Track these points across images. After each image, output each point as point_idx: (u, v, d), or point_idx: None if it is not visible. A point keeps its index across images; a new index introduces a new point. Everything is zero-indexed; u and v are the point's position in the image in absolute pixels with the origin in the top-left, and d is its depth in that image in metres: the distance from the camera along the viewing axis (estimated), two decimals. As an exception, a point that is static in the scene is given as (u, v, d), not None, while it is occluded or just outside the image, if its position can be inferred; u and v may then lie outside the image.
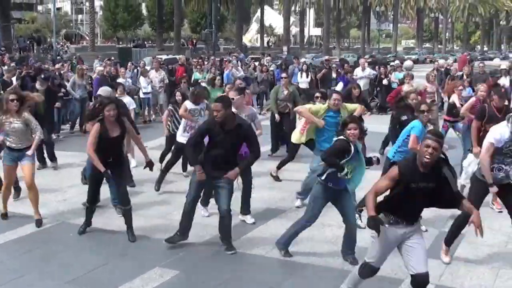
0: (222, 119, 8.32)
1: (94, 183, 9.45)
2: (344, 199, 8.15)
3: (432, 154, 5.94)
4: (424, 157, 5.97)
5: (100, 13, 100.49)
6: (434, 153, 5.95)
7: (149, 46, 77.75)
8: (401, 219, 6.24)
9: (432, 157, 5.95)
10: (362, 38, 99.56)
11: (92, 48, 57.66)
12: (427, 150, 5.95)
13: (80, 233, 9.41)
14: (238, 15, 79.00)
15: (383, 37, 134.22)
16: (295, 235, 8.49)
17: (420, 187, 6.04)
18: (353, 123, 7.88)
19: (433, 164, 6.02)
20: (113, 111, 9.00)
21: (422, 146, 6.05)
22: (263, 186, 12.19)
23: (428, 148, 5.95)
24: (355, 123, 7.89)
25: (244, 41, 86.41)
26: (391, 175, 6.12)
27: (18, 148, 9.79)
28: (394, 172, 6.12)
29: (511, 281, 7.66)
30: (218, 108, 8.29)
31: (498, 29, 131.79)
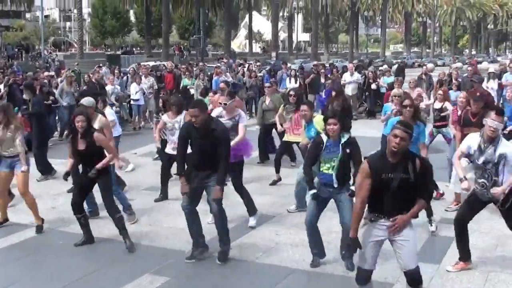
0: (200, 124, 8.22)
1: (78, 190, 9.42)
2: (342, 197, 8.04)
3: (399, 144, 6.09)
4: (392, 146, 6.12)
5: (88, 20, 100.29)
6: (402, 142, 6.09)
7: (137, 53, 77.73)
8: (383, 214, 6.32)
9: (399, 146, 6.09)
10: (350, 43, 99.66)
11: (81, 55, 57.43)
12: (395, 140, 6.10)
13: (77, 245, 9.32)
14: (226, 20, 79.00)
15: (371, 42, 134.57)
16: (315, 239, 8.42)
17: (392, 177, 6.16)
18: (333, 119, 7.93)
19: (404, 155, 6.18)
20: (82, 123, 8.96)
21: (390, 136, 6.20)
22: (253, 192, 12.11)
23: (396, 138, 6.11)
24: (334, 119, 7.93)
25: (232, 47, 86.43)
26: (364, 172, 6.23)
27: (10, 155, 9.88)
28: (364, 167, 6.25)
29: (501, 284, 7.68)
30: (195, 114, 8.16)
31: (486, 32, 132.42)
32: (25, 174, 9.98)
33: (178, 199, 11.41)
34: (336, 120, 7.91)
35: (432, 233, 9.52)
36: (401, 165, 6.17)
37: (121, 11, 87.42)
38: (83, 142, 9.05)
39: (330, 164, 7.89)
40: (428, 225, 9.61)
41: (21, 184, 9.92)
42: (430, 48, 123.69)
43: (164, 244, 9.19)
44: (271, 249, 8.99)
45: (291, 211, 10.87)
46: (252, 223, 10.18)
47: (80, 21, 61.63)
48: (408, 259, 6.37)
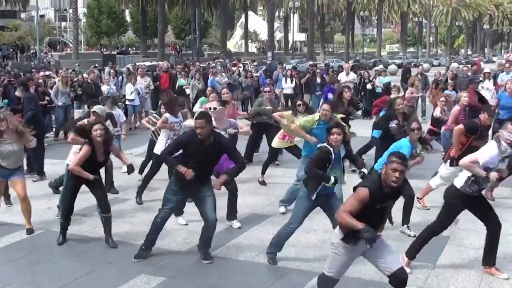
0: (205, 135, 8.16)
1: (72, 191, 9.37)
2: (333, 203, 8.09)
3: (399, 178, 6.03)
4: (392, 181, 6.04)
5: (84, 20, 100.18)
6: (401, 176, 6.04)
7: (133, 53, 77.72)
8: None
9: (399, 181, 6.04)
10: (346, 43, 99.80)
11: (76, 55, 57.46)
12: (395, 174, 6.02)
13: (60, 243, 9.33)
14: (222, 20, 79.02)
15: (367, 41, 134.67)
16: (279, 240, 8.45)
17: (384, 206, 6.21)
18: (337, 128, 7.87)
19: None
20: (100, 131, 8.98)
21: (388, 169, 6.08)
22: (248, 192, 12.19)
23: (396, 172, 6.03)
24: (339, 128, 7.88)
25: (228, 46, 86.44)
26: (361, 198, 6.06)
27: (11, 168, 9.85)
28: (364, 195, 6.07)
29: (496, 283, 7.69)
30: (202, 125, 8.08)
31: (481, 33, 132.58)
32: (23, 180, 9.99)
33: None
34: (340, 130, 7.86)
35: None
36: (393, 194, 6.22)
37: (117, 11, 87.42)
38: (102, 153, 9.14)
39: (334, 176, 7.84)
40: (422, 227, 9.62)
41: (22, 189, 9.91)
42: (426, 48, 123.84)
43: (159, 244, 9.16)
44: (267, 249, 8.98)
45: (283, 212, 10.81)
46: (237, 224, 10.18)
47: (75, 21, 61.73)
48: (393, 260, 6.40)
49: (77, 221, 10.30)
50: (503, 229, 9.42)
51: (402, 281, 6.36)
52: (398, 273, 6.31)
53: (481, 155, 7.78)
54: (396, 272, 6.30)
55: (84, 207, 10.93)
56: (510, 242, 9.19)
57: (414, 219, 9.75)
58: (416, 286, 7.55)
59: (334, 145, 7.82)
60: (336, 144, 7.82)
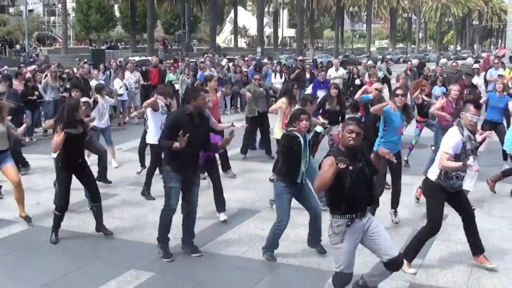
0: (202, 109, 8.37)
1: (66, 183, 9.33)
2: (305, 191, 8.30)
3: (355, 139, 6.27)
4: (349, 142, 6.29)
5: (73, 15, 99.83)
6: (357, 138, 6.28)
7: (122, 48, 77.51)
8: (352, 212, 6.33)
9: (355, 141, 6.28)
10: (335, 38, 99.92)
11: (65, 50, 57.24)
12: (351, 135, 6.28)
13: (55, 242, 9.24)
14: (211, 16, 78.91)
15: (356, 37, 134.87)
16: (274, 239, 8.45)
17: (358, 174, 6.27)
18: (304, 114, 8.11)
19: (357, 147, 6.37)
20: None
21: (345, 132, 6.34)
22: (238, 187, 12.20)
23: (352, 133, 6.28)
24: (306, 114, 8.13)
25: (217, 42, 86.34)
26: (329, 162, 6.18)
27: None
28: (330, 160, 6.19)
29: (485, 278, 7.72)
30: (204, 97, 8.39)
31: (471, 28, 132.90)
32: (14, 165, 10.05)
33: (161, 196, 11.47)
34: (307, 116, 8.12)
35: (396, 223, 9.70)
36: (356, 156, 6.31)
37: (106, 5, 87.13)
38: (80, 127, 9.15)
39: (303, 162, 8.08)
40: (411, 221, 9.68)
41: (15, 174, 10.04)
42: (415, 44, 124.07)
43: (149, 240, 9.16)
44: (257, 243, 8.98)
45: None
46: (223, 217, 10.16)
47: (64, 15, 61.42)
48: (390, 246, 6.49)
49: (65, 216, 10.26)
50: (491, 224, 9.55)
51: (399, 265, 6.64)
52: (395, 259, 6.47)
53: (447, 146, 7.75)
54: (396, 257, 6.47)
55: (73, 202, 10.84)
56: (497, 236, 9.26)
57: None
58: (404, 281, 7.57)
59: (302, 131, 8.06)
60: (304, 129, 8.07)
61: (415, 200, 10.84)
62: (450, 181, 7.75)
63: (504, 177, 11.38)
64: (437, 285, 7.57)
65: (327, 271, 7.93)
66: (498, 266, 8.08)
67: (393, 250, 6.47)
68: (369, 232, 6.44)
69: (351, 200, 6.26)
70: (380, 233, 6.48)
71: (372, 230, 6.45)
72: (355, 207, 6.34)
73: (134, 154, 15.06)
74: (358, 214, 6.36)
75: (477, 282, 7.63)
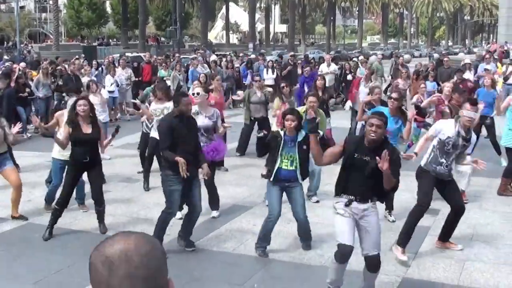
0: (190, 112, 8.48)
1: (72, 179, 9.34)
2: (294, 194, 8.28)
3: (376, 132, 6.35)
4: (370, 135, 6.39)
5: (64, 11, 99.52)
6: (378, 130, 6.35)
7: (114, 44, 77.37)
8: (354, 195, 6.52)
9: (376, 134, 6.36)
10: (327, 34, 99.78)
11: (57, 47, 57.04)
12: (371, 128, 6.36)
13: (46, 239, 9.22)
14: (203, 12, 78.88)
15: (348, 33, 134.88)
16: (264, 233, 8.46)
17: (364, 159, 6.42)
18: (291, 115, 8.09)
19: (380, 142, 6.42)
20: (84, 106, 9.11)
21: (367, 126, 6.49)
22: (229, 183, 12.19)
23: (372, 126, 6.36)
24: (292, 115, 8.09)
25: (209, 38, 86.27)
26: (339, 144, 6.65)
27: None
28: (341, 142, 6.68)
29: (477, 273, 7.74)
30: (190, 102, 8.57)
31: (462, 24, 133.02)
32: (15, 168, 10.10)
33: (154, 191, 11.46)
34: (294, 117, 8.06)
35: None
36: (377, 152, 6.30)
37: (97, 2, 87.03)
38: (88, 125, 9.18)
39: (288, 160, 8.09)
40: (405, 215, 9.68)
41: (17, 176, 10.05)
42: (407, 39, 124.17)
43: (141, 236, 9.15)
44: (249, 240, 8.99)
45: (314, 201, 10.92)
46: (215, 214, 10.19)
47: (55, 12, 61.21)
48: (371, 245, 6.54)
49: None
50: (483, 219, 9.59)
51: (374, 266, 6.60)
52: (370, 258, 6.54)
53: (437, 124, 8.37)
54: (369, 256, 6.54)
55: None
56: (489, 231, 9.30)
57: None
58: (396, 276, 7.58)
59: (287, 132, 8.09)
60: (289, 130, 8.05)
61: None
62: (436, 167, 8.05)
63: (508, 178, 11.42)
64: (429, 279, 7.59)
65: (319, 267, 7.97)
66: (491, 260, 8.11)
67: (374, 249, 6.53)
68: (362, 221, 6.56)
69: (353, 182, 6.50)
70: (370, 228, 6.54)
71: (365, 223, 6.54)
72: (355, 189, 6.52)
73: (125, 150, 15.08)
74: (357, 198, 6.52)
75: (469, 277, 7.64)
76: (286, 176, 8.13)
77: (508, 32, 45.43)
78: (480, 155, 13.18)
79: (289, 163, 8.09)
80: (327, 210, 10.23)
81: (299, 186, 8.28)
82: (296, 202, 8.32)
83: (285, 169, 8.09)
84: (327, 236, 8.73)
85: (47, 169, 12.35)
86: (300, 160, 8.07)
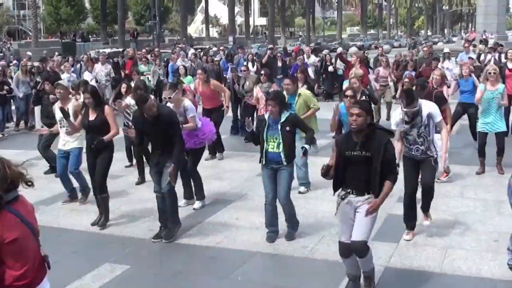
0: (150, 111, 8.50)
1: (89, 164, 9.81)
2: (279, 176, 8.38)
3: (357, 120, 6.33)
4: (351, 125, 6.40)
5: (43, 8, 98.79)
6: (359, 118, 6.33)
7: (93, 40, 76.93)
8: (350, 189, 6.57)
9: (357, 123, 6.34)
10: (307, 26, 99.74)
11: (36, 44, 56.67)
12: (352, 118, 6.38)
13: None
14: (182, 5, 78.56)
15: (328, 24, 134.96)
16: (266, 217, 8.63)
17: (355, 155, 6.43)
18: (272, 100, 8.25)
19: (367, 132, 6.43)
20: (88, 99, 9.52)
21: (348, 117, 6.55)
22: (212, 177, 12.17)
23: (352, 116, 6.37)
24: (273, 101, 8.23)
25: (189, 32, 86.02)
26: (333, 146, 6.68)
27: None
28: (333, 145, 6.69)
29: (458, 260, 7.78)
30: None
31: (441, 14, 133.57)
32: None
33: (137, 188, 11.46)
34: (275, 102, 8.20)
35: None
36: (366, 144, 6.39)
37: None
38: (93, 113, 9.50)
39: (274, 142, 8.25)
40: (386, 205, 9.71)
41: None
42: (387, 29, 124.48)
43: (123, 233, 9.14)
44: (232, 233, 9.00)
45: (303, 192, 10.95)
46: (196, 205, 10.28)
47: (34, 9, 60.80)
48: (357, 231, 6.54)
49: (39, 211, 10.20)
50: (465, 207, 9.68)
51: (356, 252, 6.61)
52: (354, 244, 6.54)
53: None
54: (353, 242, 6.54)
55: (46, 197, 10.87)
56: (471, 219, 9.33)
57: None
58: (379, 265, 7.60)
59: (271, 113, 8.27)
60: (272, 114, 8.23)
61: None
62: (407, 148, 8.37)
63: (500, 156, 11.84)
64: (412, 268, 7.62)
65: (302, 258, 7.99)
66: (473, 248, 8.17)
67: (356, 235, 6.53)
68: (357, 210, 6.59)
69: (349, 178, 6.55)
70: (358, 216, 6.55)
71: (359, 210, 6.57)
72: (351, 184, 6.57)
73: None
74: (353, 191, 6.55)
75: (451, 264, 7.68)
76: (274, 158, 8.27)
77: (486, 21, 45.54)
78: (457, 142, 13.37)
79: (275, 145, 8.25)
80: (311, 201, 10.30)
81: (285, 169, 8.34)
82: (279, 185, 8.39)
83: (271, 152, 8.26)
84: (310, 227, 8.77)
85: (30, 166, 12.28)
86: (283, 141, 8.18)
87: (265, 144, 8.27)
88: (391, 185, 6.55)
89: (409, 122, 8.16)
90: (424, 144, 8.26)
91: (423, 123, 8.19)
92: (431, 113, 8.24)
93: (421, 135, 8.23)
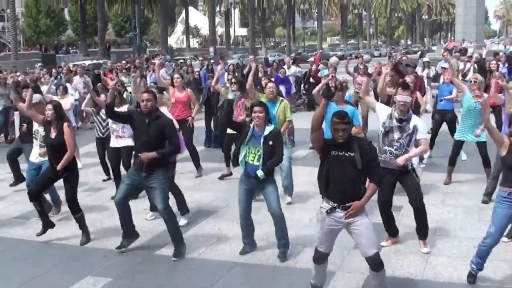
0: (150, 109, 8.30)
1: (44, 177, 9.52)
2: (267, 187, 8.21)
3: (343, 136, 6.40)
4: (338, 139, 6.43)
5: (22, 20, 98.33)
6: (344, 134, 6.40)
7: (73, 52, 76.67)
8: (335, 201, 6.51)
9: (343, 137, 6.40)
10: (287, 36, 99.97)
11: (15, 56, 56.38)
12: (338, 134, 6.41)
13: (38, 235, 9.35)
14: (162, 16, 78.43)
15: (308, 35, 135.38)
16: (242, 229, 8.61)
17: (340, 155, 6.44)
18: (258, 107, 8.10)
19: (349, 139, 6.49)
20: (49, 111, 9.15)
21: (332, 129, 6.49)
22: (193, 188, 12.16)
23: (338, 132, 6.40)
24: (260, 107, 8.09)
25: (170, 42, 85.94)
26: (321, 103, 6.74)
27: None
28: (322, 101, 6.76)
29: (440, 267, 7.82)
30: (150, 98, 8.30)
31: (420, 23, 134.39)
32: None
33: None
34: (262, 109, 8.06)
35: None
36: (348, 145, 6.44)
37: (55, 9, 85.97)
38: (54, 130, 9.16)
39: (254, 154, 8.05)
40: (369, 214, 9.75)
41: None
42: (367, 39, 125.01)
43: (105, 245, 9.10)
44: (214, 244, 9.00)
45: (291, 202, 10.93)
46: (182, 222, 9.91)
47: (13, 21, 60.45)
48: (368, 245, 6.55)
49: (21, 225, 10.18)
50: (446, 214, 9.74)
51: (375, 265, 6.61)
52: (370, 258, 6.56)
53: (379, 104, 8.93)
54: (369, 257, 6.56)
55: (27, 211, 10.78)
56: (452, 226, 9.42)
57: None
58: (360, 273, 7.62)
59: (256, 123, 8.07)
60: (258, 121, 8.04)
61: None
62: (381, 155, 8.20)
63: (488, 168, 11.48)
64: (394, 275, 7.64)
65: (284, 268, 8.00)
66: (454, 254, 8.21)
67: (371, 249, 6.54)
68: (351, 227, 6.57)
69: (331, 188, 6.52)
70: (361, 231, 6.55)
71: (354, 228, 6.55)
72: (334, 196, 6.52)
73: (88, 159, 14.94)
74: (340, 205, 6.50)
75: (433, 271, 7.73)
76: (253, 170, 8.04)
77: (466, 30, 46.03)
78: (438, 152, 13.43)
79: (255, 158, 8.03)
80: (295, 211, 10.30)
81: (269, 184, 8.18)
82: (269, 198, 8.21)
83: (250, 163, 8.08)
84: (292, 237, 8.74)
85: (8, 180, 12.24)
86: (264, 156, 7.99)
87: (244, 153, 8.10)
88: (374, 187, 6.61)
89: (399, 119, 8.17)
90: (400, 150, 8.18)
91: (408, 131, 8.18)
92: (417, 126, 8.21)
93: (400, 140, 8.19)
